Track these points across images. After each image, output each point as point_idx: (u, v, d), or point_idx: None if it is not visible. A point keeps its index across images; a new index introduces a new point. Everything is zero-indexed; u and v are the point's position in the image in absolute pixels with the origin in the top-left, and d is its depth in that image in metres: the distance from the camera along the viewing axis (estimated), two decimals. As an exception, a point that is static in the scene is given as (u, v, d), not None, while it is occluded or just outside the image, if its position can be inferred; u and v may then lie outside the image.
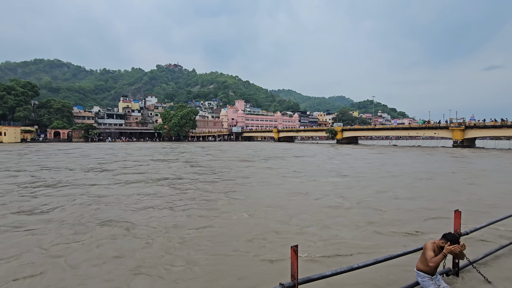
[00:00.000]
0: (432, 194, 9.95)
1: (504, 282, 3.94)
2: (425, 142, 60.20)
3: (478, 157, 26.45)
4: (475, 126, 44.27)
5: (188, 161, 22.47)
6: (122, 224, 6.51)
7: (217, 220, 6.92)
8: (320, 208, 8.09)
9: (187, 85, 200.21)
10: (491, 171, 16.54)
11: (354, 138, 68.16)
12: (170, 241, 5.57)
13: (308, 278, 2.94)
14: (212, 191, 10.49)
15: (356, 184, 12.04)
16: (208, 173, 15.42)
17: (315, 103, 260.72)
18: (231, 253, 5.09)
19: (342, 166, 18.86)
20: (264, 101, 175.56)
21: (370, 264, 3.32)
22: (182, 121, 77.87)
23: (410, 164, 20.38)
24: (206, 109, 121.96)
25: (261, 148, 43.43)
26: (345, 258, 4.85)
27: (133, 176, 14.09)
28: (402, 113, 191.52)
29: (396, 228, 6.37)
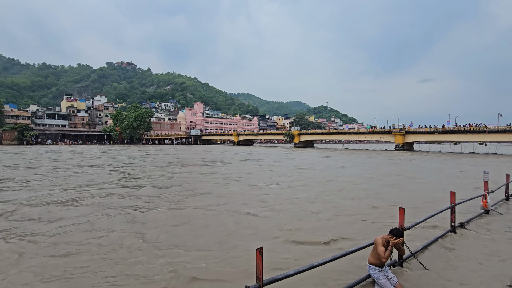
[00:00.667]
0: (378, 193, 10.91)
1: (438, 268, 4.52)
2: (372, 145, 65.91)
3: (415, 159, 29.77)
4: (413, 131, 49.78)
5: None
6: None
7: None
8: (281, 210, 8.34)
9: (142, 85, 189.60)
10: (426, 171, 18.75)
11: (310, 142, 71.48)
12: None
13: (273, 279, 3.02)
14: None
15: (318, 183, 12.66)
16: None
17: (274, 107, 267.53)
18: (200, 256, 4.96)
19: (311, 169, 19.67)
20: (224, 104, 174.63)
21: (329, 261, 3.54)
22: (136, 123, 73.39)
23: (360, 166, 22.08)
24: (162, 111, 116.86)
25: (221, 152, 43.04)
26: (307, 256, 5.07)
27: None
28: (353, 119, 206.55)
29: (348, 225, 6.85)
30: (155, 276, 4.36)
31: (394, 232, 3.94)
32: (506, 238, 5.96)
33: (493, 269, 4.52)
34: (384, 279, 3.82)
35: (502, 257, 5.00)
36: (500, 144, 51.60)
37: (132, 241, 5.73)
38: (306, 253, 5.26)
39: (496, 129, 42.46)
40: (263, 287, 2.89)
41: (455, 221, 6.19)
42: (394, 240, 3.90)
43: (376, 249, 3.91)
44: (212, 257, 5.03)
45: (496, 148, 52.84)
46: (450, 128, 47.44)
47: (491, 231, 6.38)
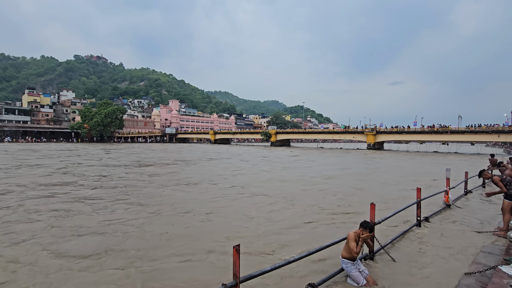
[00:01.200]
0: (349, 189, 11.35)
1: (405, 260, 4.81)
2: (345, 144, 68.38)
3: (385, 157, 31.33)
4: (384, 131, 52.34)
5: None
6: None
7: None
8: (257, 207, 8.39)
9: (113, 81, 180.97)
10: (394, 169, 19.81)
11: (287, 141, 72.57)
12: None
13: (250, 276, 3.03)
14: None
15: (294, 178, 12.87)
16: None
17: (251, 106, 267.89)
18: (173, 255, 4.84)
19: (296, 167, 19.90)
20: (200, 102, 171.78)
21: (304, 256, 3.62)
22: (107, 120, 69.86)
23: (335, 164, 22.82)
24: (135, 108, 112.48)
25: (190, 150, 42.35)
26: (282, 252, 5.14)
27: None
28: (328, 119, 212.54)
29: (323, 221, 7.06)
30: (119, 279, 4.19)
31: (364, 225, 4.11)
32: (464, 230, 6.45)
33: (453, 259, 4.87)
34: (356, 272, 3.99)
35: (460, 247, 5.41)
36: (460, 144, 55.86)
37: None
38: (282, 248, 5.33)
39: (457, 130, 45.86)
40: (240, 284, 2.89)
41: (421, 215, 6.60)
42: (363, 234, 4.08)
43: (348, 244, 4.07)
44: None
45: (456, 147, 57.09)
46: (416, 129, 50.51)
47: (451, 224, 6.88)
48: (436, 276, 4.24)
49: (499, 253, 5.01)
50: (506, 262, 4.09)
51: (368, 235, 4.07)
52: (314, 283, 3.68)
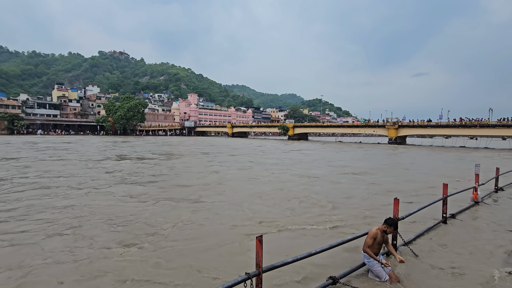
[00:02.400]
0: (374, 184, 11.11)
1: (428, 256, 4.69)
2: (365, 139, 66.49)
3: (408, 152, 30.24)
4: (406, 125, 50.34)
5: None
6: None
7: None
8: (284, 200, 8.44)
9: (135, 75, 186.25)
10: (420, 163, 19.09)
11: (304, 135, 71.75)
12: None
13: (272, 266, 3.08)
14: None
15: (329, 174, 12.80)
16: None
17: (268, 100, 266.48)
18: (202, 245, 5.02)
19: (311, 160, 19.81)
20: (218, 95, 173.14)
21: (326, 249, 3.62)
22: (129, 113, 72.31)
23: (362, 159, 22.36)
24: (156, 102, 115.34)
25: (210, 144, 42.92)
26: (305, 243, 5.17)
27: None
28: (347, 112, 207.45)
29: (348, 215, 6.99)
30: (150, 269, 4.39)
31: (389, 222, 4.04)
32: (493, 228, 6.16)
33: (481, 258, 4.68)
34: (378, 267, 3.94)
35: (489, 246, 5.18)
36: (490, 138, 52.64)
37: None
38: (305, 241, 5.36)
39: (487, 123, 43.21)
40: (262, 273, 2.96)
41: (447, 212, 6.37)
42: (388, 231, 4.02)
43: (366, 238, 4.03)
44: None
45: (486, 142, 53.90)
46: (442, 122, 48.11)
47: (480, 222, 6.58)
48: (461, 275, 4.10)
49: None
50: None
51: (392, 232, 4.01)
52: (335, 276, 3.69)
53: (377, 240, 4.00)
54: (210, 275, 4.14)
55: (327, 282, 3.63)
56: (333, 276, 3.69)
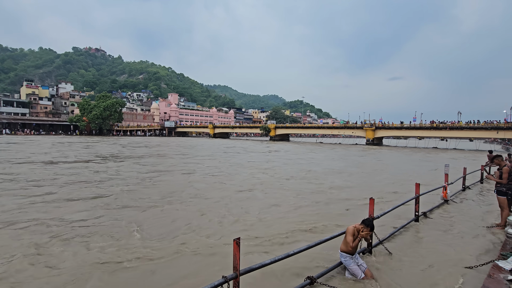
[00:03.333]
0: (349, 185, 11.41)
1: (402, 254, 4.85)
2: (344, 140, 68.30)
3: (384, 153, 31.40)
4: (383, 127, 52.31)
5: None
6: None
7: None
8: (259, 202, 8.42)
9: (112, 73, 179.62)
10: (394, 164, 19.88)
11: (286, 135, 72.53)
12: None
13: (250, 268, 3.05)
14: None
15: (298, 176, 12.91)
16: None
17: (250, 101, 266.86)
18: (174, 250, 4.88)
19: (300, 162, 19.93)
20: (199, 95, 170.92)
21: (304, 250, 3.65)
22: (106, 113, 69.52)
23: (338, 160, 22.87)
24: (134, 101, 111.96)
25: (190, 145, 42.30)
26: (283, 244, 5.19)
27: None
28: (327, 114, 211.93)
29: (323, 214, 7.11)
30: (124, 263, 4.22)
31: (366, 223, 4.14)
32: (461, 225, 6.51)
33: (450, 253, 4.92)
34: (354, 266, 4.02)
35: (457, 242, 5.46)
36: (459, 140, 55.93)
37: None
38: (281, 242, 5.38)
39: (456, 126, 45.87)
40: (240, 276, 2.92)
41: (419, 210, 6.65)
42: (363, 231, 4.11)
43: (346, 238, 4.10)
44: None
45: (455, 143, 57.18)
46: (415, 125, 50.49)
47: (449, 219, 6.93)
48: (433, 270, 4.29)
49: (496, 248, 5.06)
50: (502, 257, 4.13)
51: (366, 234, 4.10)
52: (313, 276, 3.73)
53: (354, 233, 4.08)
54: (187, 280, 4.05)
55: (304, 282, 3.66)
56: (310, 276, 3.73)
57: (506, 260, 3.87)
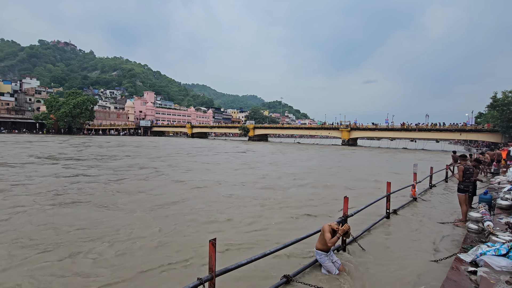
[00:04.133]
0: (324, 183, 11.70)
1: (374, 249, 5.04)
2: (322, 140, 70.00)
3: (358, 153, 32.57)
4: (358, 128, 54.27)
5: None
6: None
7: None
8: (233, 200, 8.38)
9: (83, 69, 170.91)
10: (367, 163, 20.66)
11: (265, 136, 72.95)
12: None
13: (226, 269, 3.02)
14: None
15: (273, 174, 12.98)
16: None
17: (229, 100, 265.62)
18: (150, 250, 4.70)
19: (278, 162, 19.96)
20: (177, 94, 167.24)
21: (281, 249, 3.67)
22: (76, 110, 65.81)
23: (314, 159, 23.34)
24: (107, 99, 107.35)
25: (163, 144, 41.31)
26: (260, 244, 5.19)
27: None
28: (305, 115, 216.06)
29: (298, 213, 7.21)
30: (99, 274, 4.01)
31: (342, 224, 4.26)
32: (428, 221, 6.90)
33: (418, 248, 5.20)
34: (329, 263, 4.12)
35: (424, 237, 5.78)
36: (426, 141, 59.38)
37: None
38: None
39: (424, 127, 48.67)
40: (216, 277, 2.87)
41: (390, 208, 6.96)
42: (341, 226, 4.22)
43: (323, 236, 4.18)
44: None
45: (423, 144, 60.62)
46: (388, 126, 52.93)
47: (417, 216, 7.32)
48: (402, 265, 4.50)
49: (458, 242, 5.41)
50: (464, 250, 4.42)
51: (346, 226, 4.21)
52: (289, 275, 3.76)
53: (330, 231, 4.18)
54: (161, 284, 3.92)
55: (281, 281, 3.68)
56: (287, 274, 3.76)
57: (467, 253, 4.15)
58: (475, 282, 3.31)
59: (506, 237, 4.24)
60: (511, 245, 3.72)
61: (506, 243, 3.88)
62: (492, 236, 4.46)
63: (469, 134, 44.81)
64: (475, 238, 5.05)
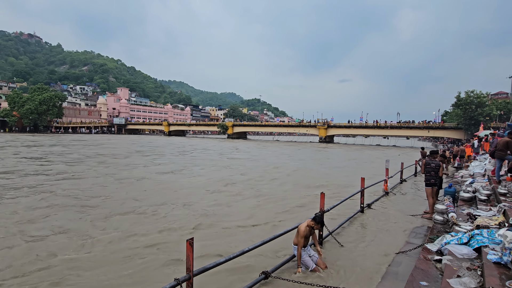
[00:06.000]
0: (304, 179, 11.94)
1: (350, 242, 5.23)
2: (300, 138, 71.23)
3: (335, 150, 33.55)
4: (334, 126, 55.86)
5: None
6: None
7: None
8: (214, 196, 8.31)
9: (50, 63, 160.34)
10: (343, 160, 21.35)
11: (244, 133, 72.94)
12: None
13: (204, 268, 2.98)
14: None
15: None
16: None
17: (208, 98, 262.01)
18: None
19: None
20: (153, 91, 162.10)
21: (259, 245, 3.69)
22: (42, 107, 61.76)
23: (293, 156, 23.69)
24: (77, 95, 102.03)
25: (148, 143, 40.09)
26: (239, 242, 5.19)
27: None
28: (283, 112, 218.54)
29: (278, 209, 7.31)
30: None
31: (317, 220, 4.36)
32: (399, 214, 7.27)
33: (390, 240, 5.46)
34: (306, 257, 4.21)
35: (396, 229, 6.09)
36: (397, 138, 62.31)
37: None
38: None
39: (396, 125, 51.10)
40: (193, 277, 2.83)
41: (364, 202, 7.24)
42: (315, 227, 4.33)
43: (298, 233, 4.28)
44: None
45: (395, 141, 63.59)
46: (362, 124, 54.98)
47: (389, 209, 7.68)
48: (375, 256, 4.71)
49: (425, 233, 5.75)
50: (430, 240, 4.71)
51: (319, 228, 4.35)
52: (267, 271, 3.80)
53: (305, 233, 4.27)
54: (138, 285, 3.81)
55: (259, 278, 3.71)
56: (265, 271, 3.79)
57: (433, 243, 4.43)
58: (440, 270, 3.53)
59: (468, 227, 4.57)
60: (471, 234, 4.02)
61: (467, 232, 4.19)
62: (455, 226, 4.79)
63: (436, 131, 47.71)
64: (440, 229, 5.39)
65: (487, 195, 6.37)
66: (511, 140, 7.36)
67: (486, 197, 6.28)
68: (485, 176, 9.00)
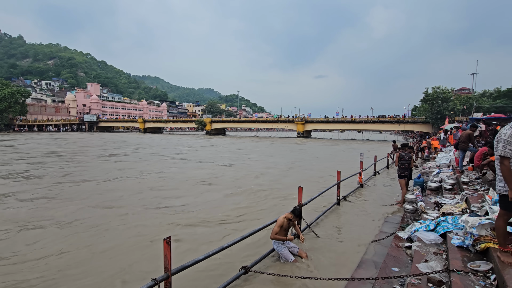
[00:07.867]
0: (279, 173, 12.10)
1: (326, 234, 5.40)
2: (278, 133, 71.85)
3: (312, 144, 34.29)
4: (311, 121, 56.96)
5: None
6: None
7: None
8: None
9: (10, 56, 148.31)
10: (320, 154, 21.88)
11: (222, 130, 72.31)
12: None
13: (182, 267, 2.94)
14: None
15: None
16: None
17: (185, 94, 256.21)
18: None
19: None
20: (127, 87, 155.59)
21: (238, 241, 3.70)
22: (3, 104, 57.27)
23: (274, 152, 23.87)
24: (43, 91, 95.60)
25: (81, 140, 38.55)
26: (218, 238, 5.16)
27: None
28: (262, 108, 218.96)
29: (258, 204, 7.35)
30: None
31: (295, 213, 4.45)
32: (372, 205, 7.60)
33: (364, 229, 5.70)
34: (285, 251, 4.30)
35: (370, 219, 6.36)
36: (371, 132, 64.83)
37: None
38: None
39: (369, 120, 53.10)
40: (171, 276, 2.78)
41: (340, 195, 7.48)
42: (293, 220, 4.41)
43: (275, 226, 4.34)
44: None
45: (369, 135, 66.13)
46: (338, 119, 56.54)
47: (363, 201, 8.01)
48: (351, 246, 4.90)
49: (397, 221, 6.06)
50: (401, 228, 4.98)
51: (297, 220, 4.43)
52: (247, 266, 3.82)
53: (284, 226, 4.34)
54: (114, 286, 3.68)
55: (239, 273, 3.72)
56: (245, 266, 3.81)
57: (404, 231, 4.68)
58: (410, 255, 3.75)
59: (434, 214, 4.88)
60: (438, 221, 4.29)
61: (434, 220, 4.46)
62: (423, 214, 5.09)
63: (406, 125, 50.20)
64: (410, 217, 5.71)
65: (452, 184, 6.82)
66: (472, 132, 7.95)
67: (451, 186, 6.73)
68: (450, 166, 9.62)
